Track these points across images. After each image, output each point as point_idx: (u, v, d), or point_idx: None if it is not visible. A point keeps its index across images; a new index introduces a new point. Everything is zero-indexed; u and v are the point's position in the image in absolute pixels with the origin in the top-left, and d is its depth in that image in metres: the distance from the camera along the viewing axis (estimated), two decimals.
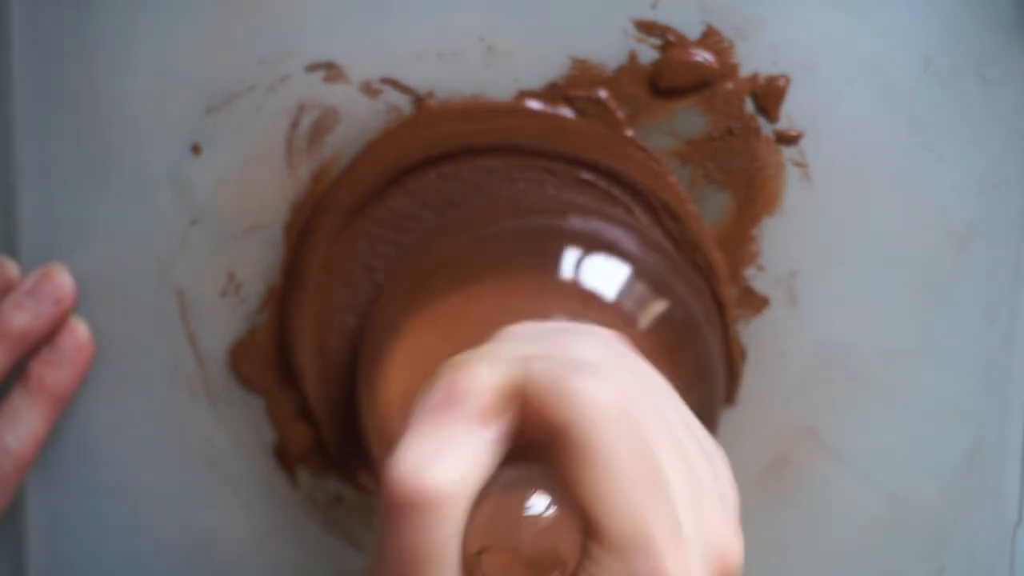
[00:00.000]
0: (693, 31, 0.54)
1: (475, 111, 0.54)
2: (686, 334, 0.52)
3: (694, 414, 0.44)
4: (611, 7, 0.53)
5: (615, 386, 0.39)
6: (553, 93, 0.54)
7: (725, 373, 0.56)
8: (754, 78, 0.54)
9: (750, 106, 0.54)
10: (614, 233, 0.53)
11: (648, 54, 0.54)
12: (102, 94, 0.54)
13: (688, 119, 0.54)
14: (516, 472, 0.39)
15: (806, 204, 0.55)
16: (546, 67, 0.54)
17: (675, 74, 0.54)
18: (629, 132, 0.54)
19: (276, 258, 0.55)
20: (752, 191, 0.55)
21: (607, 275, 0.51)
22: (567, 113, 0.54)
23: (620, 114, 0.54)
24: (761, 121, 0.54)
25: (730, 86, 0.54)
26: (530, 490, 0.38)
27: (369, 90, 0.54)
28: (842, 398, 0.57)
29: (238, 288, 0.56)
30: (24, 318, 0.54)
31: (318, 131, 0.54)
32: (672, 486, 0.39)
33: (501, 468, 0.39)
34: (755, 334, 0.56)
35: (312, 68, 0.54)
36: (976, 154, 0.56)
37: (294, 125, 0.54)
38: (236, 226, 0.55)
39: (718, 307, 0.55)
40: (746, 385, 0.57)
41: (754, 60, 0.54)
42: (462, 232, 0.53)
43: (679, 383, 0.45)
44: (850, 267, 0.56)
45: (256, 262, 0.55)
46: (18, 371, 0.55)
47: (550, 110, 0.54)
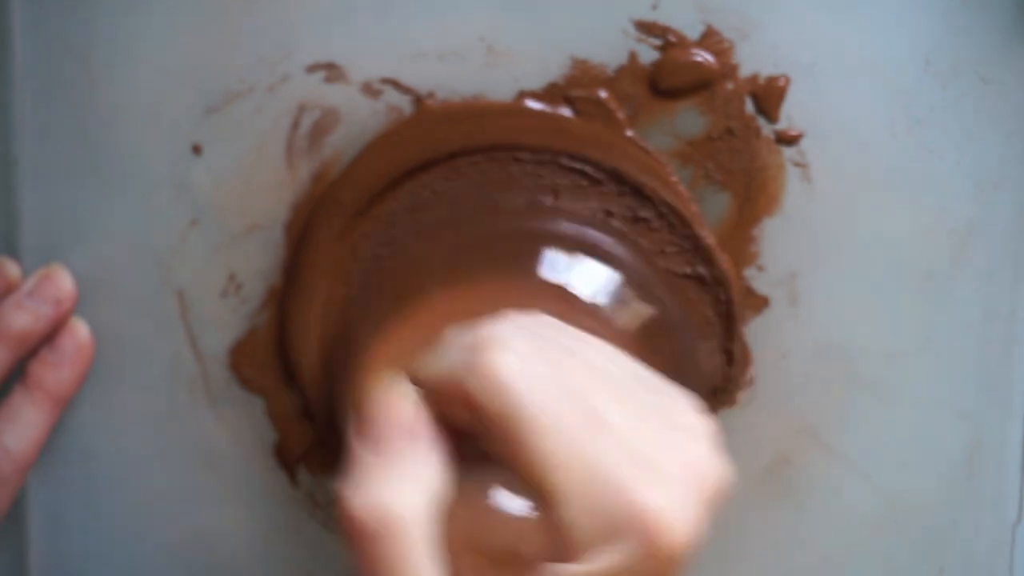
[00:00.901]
0: (693, 31, 0.54)
1: (475, 110, 0.54)
2: (665, 337, 0.52)
3: None
4: (611, 7, 0.53)
5: (515, 349, 0.39)
6: (553, 93, 0.54)
7: (728, 375, 0.56)
8: (754, 78, 0.54)
9: (750, 106, 0.54)
10: (597, 236, 0.53)
11: (648, 54, 0.54)
12: (102, 94, 0.54)
13: (688, 119, 0.54)
14: (484, 473, 0.39)
15: (806, 204, 0.55)
16: (546, 67, 0.54)
17: (675, 74, 0.54)
18: (629, 132, 0.54)
19: (276, 258, 0.55)
20: (752, 191, 0.55)
21: (587, 277, 0.51)
22: (567, 113, 0.54)
23: (620, 114, 0.54)
24: (761, 121, 0.54)
25: (730, 86, 0.54)
26: (494, 488, 0.39)
27: (369, 90, 0.54)
28: (842, 398, 0.57)
29: (238, 288, 0.56)
30: (24, 319, 0.54)
31: (318, 131, 0.54)
32: (613, 420, 0.39)
33: (472, 471, 0.39)
34: (755, 334, 0.56)
35: (312, 68, 0.54)
36: (976, 154, 0.56)
37: (294, 125, 0.54)
38: (236, 226, 0.55)
39: (725, 308, 0.55)
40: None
41: (754, 60, 0.54)
42: (446, 233, 0.53)
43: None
44: (850, 267, 0.56)
45: (256, 262, 0.55)
46: (18, 372, 0.55)
47: (551, 110, 0.54)
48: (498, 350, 0.39)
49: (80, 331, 0.55)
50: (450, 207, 0.54)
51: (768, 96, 0.54)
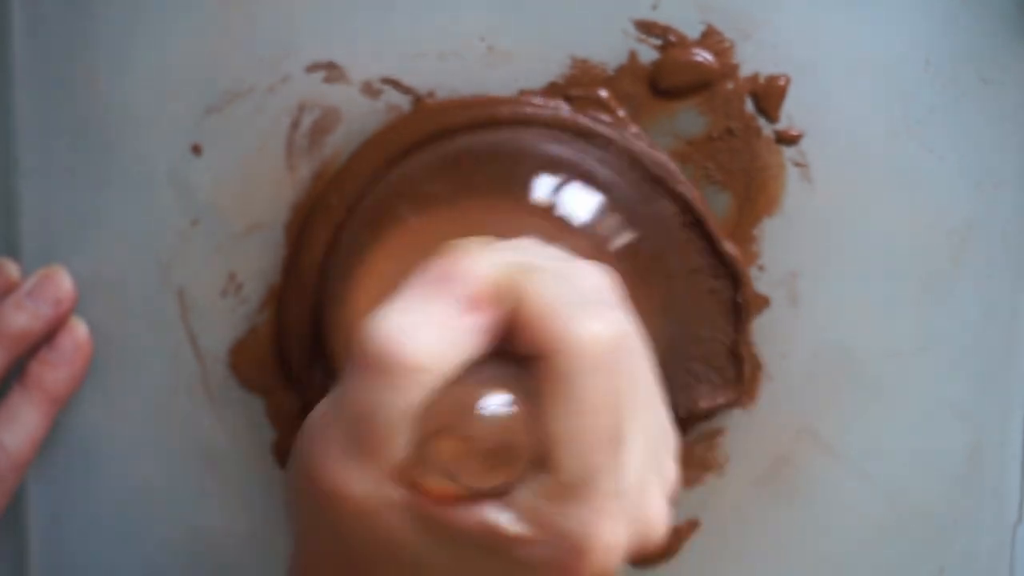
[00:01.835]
0: (693, 31, 0.54)
1: (474, 105, 0.54)
2: (654, 265, 0.52)
3: (653, 342, 0.43)
4: (611, 7, 0.53)
5: (610, 331, 0.39)
6: (553, 93, 0.54)
7: (738, 375, 0.56)
8: (754, 78, 0.54)
9: (750, 106, 0.54)
10: (589, 162, 0.53)
11: (648, 54, 0.54)
12: (102, 94, 0.54)
13: (688, 119, 0.54)
14: (491, 370, 0.39)
15: (806, 204, 0.55)
16: (546, 67, 0.54)
17: (675, 74, 0.54)
18: (634, 129, 0.54)
19: (276, 258, 0.55)
20: (752, 191, 0.55)
21: (581, 201, 0.51)
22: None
23: (621, 113, 0.54)
24: (761, 121, 0.54)
25: (730, 86, 0.54)
26: (498, 387, 0.38)
27: (369, 90, 0.54)
28: (842, 398, 0.57)
29: (238, 288, 0.56)
30: (23, 319, 0.54)
31: (318, 131, 0.54)
32: (628, 446, 0.39)
33: (478, 363, 0.39)
34: (756, 334, 0.56)
35: (312, 68, 0.54)
36: (976, 154, 0.56)
37: (294, 125, 0.54)
38: (236, 226, 0.55)
39: (735, 304, 0.55)
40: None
41: (754, 60, 0.54)
42: (426, 156, 0.53)
43: (644, 309, 0.45)
44: (850, 267, 0.56)
45: (256, 262, 0.55)
46: (17, 371, 0.55)
47: (553, 103, 0.54)
48: (598, 320, 0.39)
49: (79, 331, 0.55)
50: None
51: (768, 96, 0.54)
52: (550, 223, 0.49)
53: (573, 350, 0.38)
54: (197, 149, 0.55)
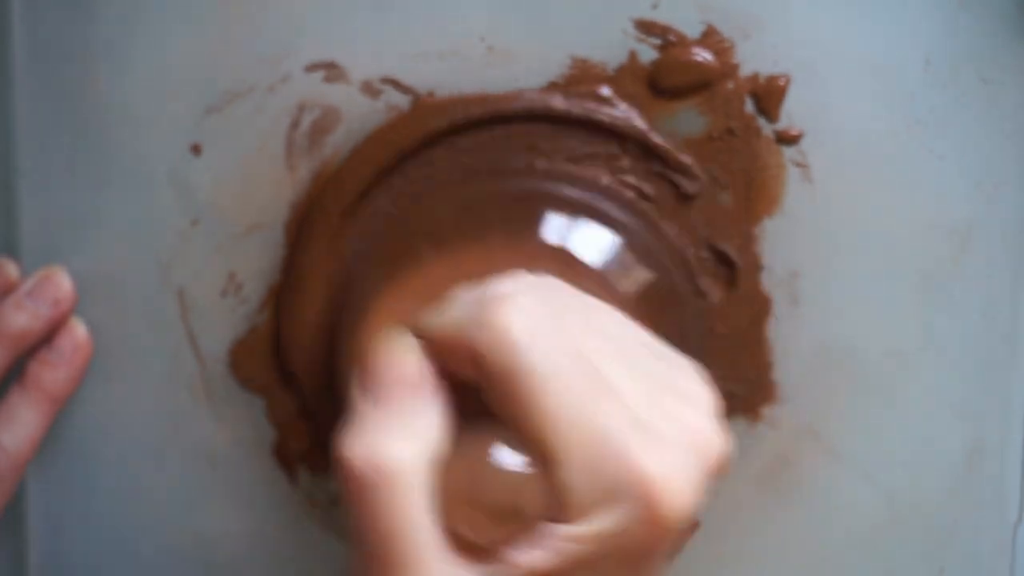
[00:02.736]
0: (693, 31, 0.54)
1: (473, 102, 0.54)
2: (668, 303, 0.52)
3: None
4: (611, 7, 0.53)
5: (525, 307, 0.39)
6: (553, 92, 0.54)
7: (757, 380, 0.56)
8: (754, 78, 0.54)
9: (750, 106, 0.54)
10: (600, 200, 0.53)
11: (648, 54, 0.54)
12: (102, 94, 0.54)
13: (688, 119, 0.54)
14: (484, 428, 0.39)
15: (806, 204, 0.55)
16: (546, 67, 0.54)
17: (675, 74, 0.54)
18: (643, 125, 0.54)
19: (276, 258, 0.55)
20: (753, 191, 0.55)
21: (591, 241, 0.51)
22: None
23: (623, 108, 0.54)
24: (761, 121, 0.54)
25: (730, 86, 0.54)
26: (493, 443, 0.38)
27: (369, 90, 0.54)
28: (842, 398, 0.57)
29: (238, 288, 0.56)
30: (23, 319, 0.54)
31: (318, 131, 0.54)
32: (618, 384, 0.39)
33: (472, 425, 0.39)
34: None
35: (312, 68, 0.54)
36: (976, 154, 0.56)
37: (294, 125, 0.54)
38: (236, 226, 0.55)
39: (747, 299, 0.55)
40: None
41: (754, 60, 0.54)
42: (445, 194, 0.53)
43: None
44: (851, 267, 0.56)
45: (256, 262, 0.55)
46: (16, 372, 0.55)
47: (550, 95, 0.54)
48: (508, 306, 0.39)
49: (78, 331, 0.55)
50: (448, 171, 0.54)
51: (769, 96, 0.54)
52: (562, 264, 0.49)
53: (498, 343, 0.39)
54: (197, 149, 0.55)
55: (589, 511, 0.38)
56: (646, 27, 0.54)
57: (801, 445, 0.57)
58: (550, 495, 0.38)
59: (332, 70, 0.54)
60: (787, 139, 0.55)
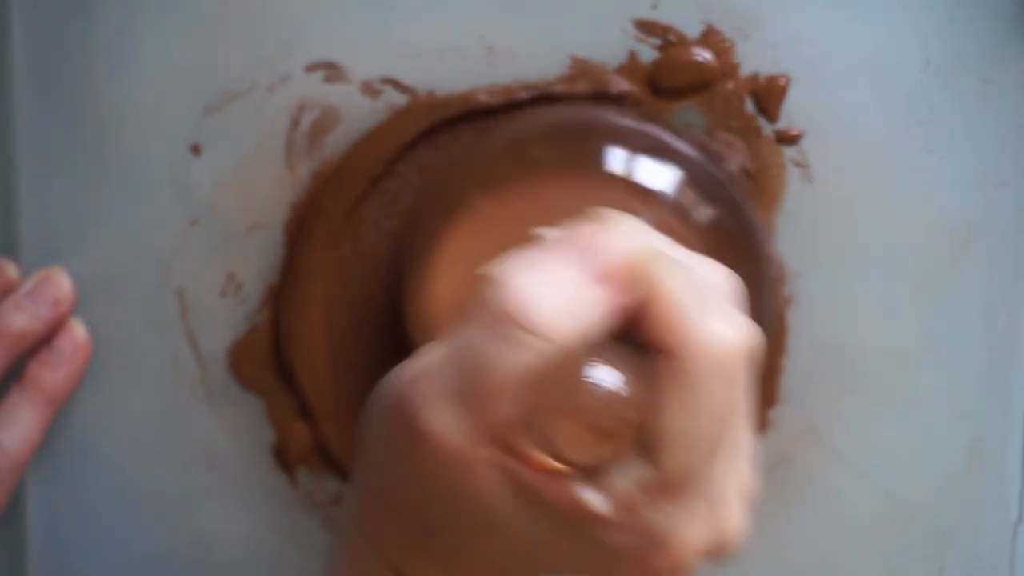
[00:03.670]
0: (693, 31, 0.54)
1: (472, 98, 0.54)
2: (742, 241, 0.51)
3: None
4: (611, 7, 0.53)
5: (739, 339, 0.38)
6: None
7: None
8: (754, 78, 0.54)
9: (750, 106, 0.54)
10: (660, 133, 0.52)
11: (648, 54, 0.54)
12: (102, 94, 0.54)
13: (688, 119, 0.54)
14: (609, 350, 0.38)
15: (806, 204, 0.55)
16: (546, 67, 0.54)
17: (675, 74, 0.54)
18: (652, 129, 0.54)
19: (276, 258, 0.55)
20: (752, 191, 0.55)
21: (657, 172, 0.50)
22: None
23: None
24: (761, 121, 0.54)
25: (730, 85, 0.54)
26: (614, 367, 0.38)
27: (369, 90, 0.54)
28: (842, 398, 0.57)
29: (238, 288, 0.56)
30: (23, 319, 0.54)
31: (318, 131, 0.54)
32: (722, 454, 0.39)
33: (598, 343, 0.38)
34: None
35: (312, 68, 0.54)
36: (976, 154, 0.56)
37: (294, 125, 0.54)
38: (236, 226, 0.55)
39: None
40: None
41: (754, 59, 0.54)
42: (493, 134, 0.53)
43: None
44: (850, 267, 0.56)
45: (256, 262, 0.55)
46: (16, 372, 0.55)
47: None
48: (729, 327, 0.38)
49: (78, 332, 0.55)
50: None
51: (769, 95, 0.54)
52: (629, 194, 0.49)
53: (702, 353, 0.38)
54: (197, 149, 0.55)
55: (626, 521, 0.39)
56: (646, 27, 0.54)
57: (801, 445, 0.57)
58: (643, 415, 0.38)
59: (332, 70, 0.54)
60: (787, 139, 0.55)
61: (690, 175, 0.51)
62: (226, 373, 0.56)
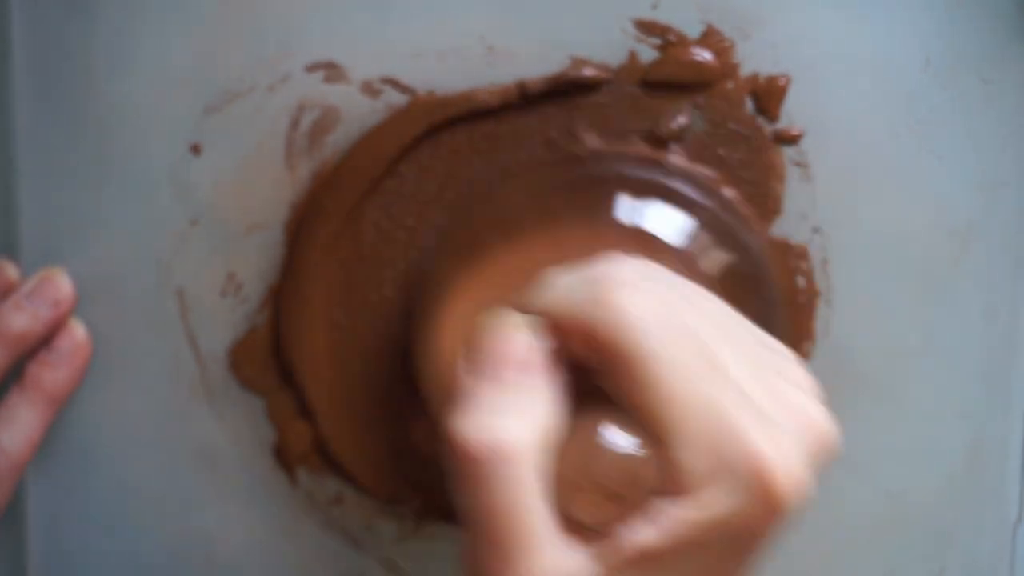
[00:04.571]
0: (693, 31, 0.54)
1: (472, 97, 0.54)
2: (753, 285, 0.52)
3: None
4: (611, 7, 0.53)
5: (651, 294, 0.39)
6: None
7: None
8: (754, 78, 0.54)
9: (750, 106, 0.54)
10: (673, 181, 0.53)
11: (648, 54, 0.54)
12: (102, 94, 0.54)
13: (688, 120, 0.54)
14: (594, 409, 0.39)
15: (806, 204, 0.55)
16: (546, 67, 0.54)
17: (675, 74, 0.54)
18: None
19: (276, 258, 0.55)
20: (752, 191, 0.55)
21: (667, 221, 0.51)
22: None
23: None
24: (761, 121, 0.54)
25: (730, 86, 0.54)
26: (604, 424, 0.38)
27: (369, 90, 0.54)
28: (842, 398, 0.57)
29: (238, 288, 0.56)
30: (23, 320, 0.54)
31: (318, 131, 0.54)
32: (732, 369, 0.39)
33: (582, 406, 0.39)
34: None
35: (312, 68, 0.54)
36: (976, 154, 0.56)
37: (294, 125, 0.54)
38: (236, 226, 0.55)
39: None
40: None
41: (754, 59, 0.54)
42: (512, 185, 0.53)
43: None
44: (850, 267, 0.56)
45: (256, 262, 0.55)
46: (16, 372, 0.55)
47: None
48: (626, 287, 0.39)
49: (78, 332, 0.55)
50: (488, 168, 0.54)
51: (768, 95, 0.54)
52: (642, 244, 0.49)
53: (623, 327, 0.38)
54: (196, 149, 0.55)
55: (702, 490, 0.38)
56: (646, 27, 0.54)
57: None
58: (663, 474, 0.38)
59: (332, 70, 0.54)
60: (787, 139, 0.55)
61: (703, 221, 0.52)
62: (226, 373, 0.56)
